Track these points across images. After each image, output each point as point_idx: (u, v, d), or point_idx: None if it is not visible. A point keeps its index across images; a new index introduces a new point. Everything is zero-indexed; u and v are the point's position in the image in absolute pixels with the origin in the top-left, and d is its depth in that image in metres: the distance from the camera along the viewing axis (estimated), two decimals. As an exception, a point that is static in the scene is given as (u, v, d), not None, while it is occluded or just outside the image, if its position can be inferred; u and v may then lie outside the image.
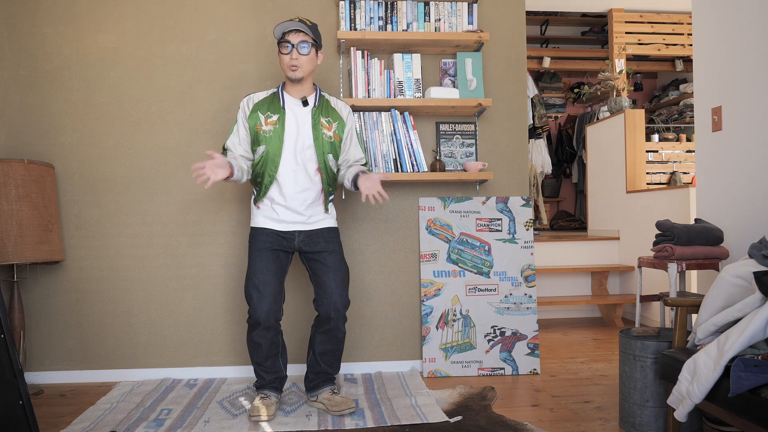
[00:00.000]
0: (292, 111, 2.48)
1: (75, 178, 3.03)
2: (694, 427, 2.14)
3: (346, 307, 2.49)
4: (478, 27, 3.16)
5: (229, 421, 2.39)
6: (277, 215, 2.47)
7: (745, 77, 2.66)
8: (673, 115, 6.75)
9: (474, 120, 3.20)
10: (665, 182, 5.58)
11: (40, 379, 3.00)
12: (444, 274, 3.10)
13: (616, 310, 4.41)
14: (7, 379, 1.79)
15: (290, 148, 2.45)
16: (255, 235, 2.49)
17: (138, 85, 3.06)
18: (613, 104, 5.04)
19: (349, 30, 2.98)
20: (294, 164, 2.45)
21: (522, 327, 3.09)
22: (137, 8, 3.06)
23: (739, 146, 2.70)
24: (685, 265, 2.69)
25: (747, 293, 1.93)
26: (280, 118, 2.45)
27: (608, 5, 5.94)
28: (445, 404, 2.54)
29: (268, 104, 2.48)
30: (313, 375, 2.57)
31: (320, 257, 2.49)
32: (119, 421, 2.38)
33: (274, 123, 2.44)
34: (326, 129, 2.49)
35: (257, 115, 2.46)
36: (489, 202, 3.15)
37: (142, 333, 3.04)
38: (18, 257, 2.69)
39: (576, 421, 2.36)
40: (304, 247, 2.50)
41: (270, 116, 2.46)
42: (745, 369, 1.61)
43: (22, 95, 3.01)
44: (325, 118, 2.50)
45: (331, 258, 2.49)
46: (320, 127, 2.47)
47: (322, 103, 2.52)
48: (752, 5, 2.61)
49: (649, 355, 2.15)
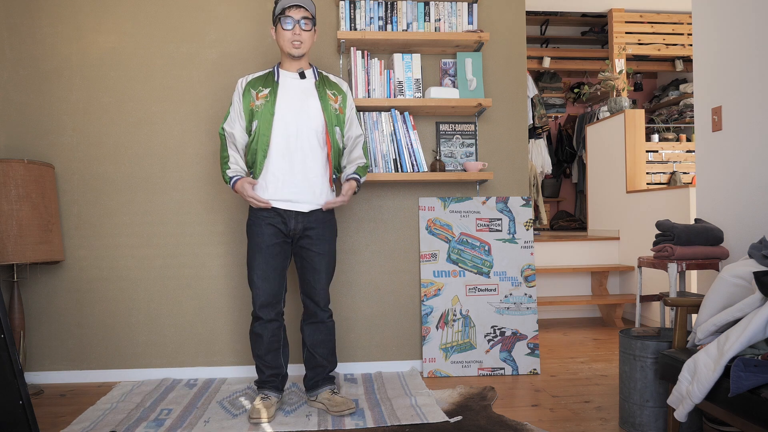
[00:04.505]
0: (289, 84, 2.46)
1: (75, 178, 3.03)
2: (694, 427, 2.14)
3: (328, 303, 2.57)
4: (478, 27, 3.16)
5: (229, 421, 2.39)
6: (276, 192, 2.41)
7: (745, 77, 2.66)
8: (673, 115, 6.74)
9: (474, 120, 3.20)
10: (665, 182, 5.57)
11: (40, 379, 3.00)
12: (444, 274, 3.10)
13: (616, 310, 4.41)
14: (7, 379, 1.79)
15: (282, 120, 2.40)
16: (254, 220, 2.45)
17: (138, 85, 3.06)
18: (613, 104, 5.04)
19: (349, 30, 2.98)
20: (286, 137, 2.40)
21: (522, 327, 3.09)
22: (137, 8, 3.06)
23: (739, 146, 2.70)
24: (685, 265, 2.69)
25: (747, 293, 1.93)
26: (271, 90, 2.44)
27: (608, 5, 5.94)
28: (445, 404, 2.54)
29: (262, 81, 2.47)
30: (311, 372, 2.57)
31: (308, 256, 2.49)
32: (119, 421, 2.38)
33: (265, 96, 2.43)
34: (333, 101, 2.49)
35: (250, 93, 2.45)
36: (489, 202, 3.15)
37: (142, 333, 3.04)
38: (18, 257, 2.69)
39: (576, 421, 2.36)
40: (297, 240, 2.49)
41: (261, 90, 2.44)
42: (745, 369, 1.61)
43: (22, 95, 3.01)
44: (330, 90, 2.50)
45: (319, 259, 2.49)
46: (327, 99, 2.47)
47: (322, 77, 2.53)
48: (752, 5, 2.60)
49: (649, 355, 2.15)
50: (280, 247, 2.47)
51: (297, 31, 2.39)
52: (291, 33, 2.39)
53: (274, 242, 2.44)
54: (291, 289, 3.04)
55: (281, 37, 2.42)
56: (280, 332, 2.52)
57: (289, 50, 2.42)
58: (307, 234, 2.47)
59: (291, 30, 2.39)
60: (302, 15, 2.39)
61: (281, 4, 2.39)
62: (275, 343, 2.50)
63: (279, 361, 2.53)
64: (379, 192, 3.14)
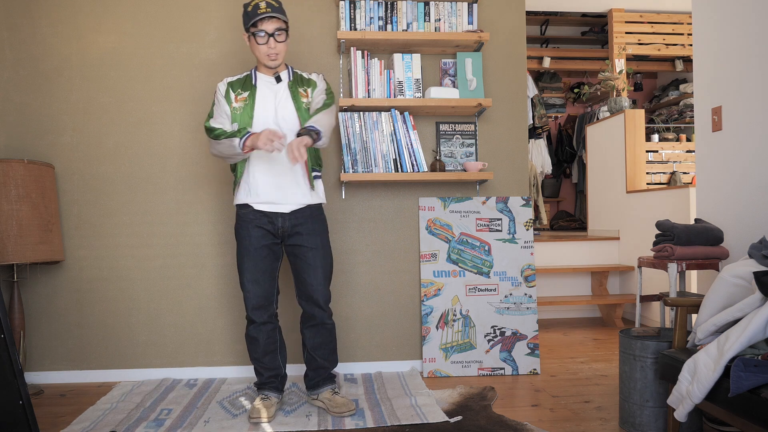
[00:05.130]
0: (265, 88, 2.45)
1: (75, 178, 3.03)
2: (694, 427, 2.14)
3: (328, 302, 2.51)
4: (478, 27, 3.16)
5: (229, 421, 2.39)
6: (258, 195, 2.41)
7: (745, 77, 2.66)
8: (673, 115, 6.74)
9: (474, 120, 3.19)
10: (665, 182, 5.57)
11: (40, 379, 3.00)
12: (444, 274, 3.10)
13: (616, 310, 4.41)
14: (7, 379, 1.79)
15: (261, 124, 2.39)
16: (241, 224, 2.44)
17: (138, 85, 3.06)
18: (613, 104, 5.04)
19: (349, 30, 2.98)
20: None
21: (522, 327, 3.09)
22: (137, 8, 3.06)
23: (739, 146, 2.70)
24: (685, 265, 2.69)
25: (747, 293, 1.93)
26: (250, 94, 2.43)
27: (608, 5, 5.94)
28: (445, 404, 2.54)
29: (241, 84, 2.46)
30: (312, 372, 2.57)
31: (300, 252, 2.46)
32: (119, 421, 2.38)
33: (244, 99, 2.42)
34: (303, 98, 2.47)
35: (230, 94, 2.44)
36: (489, 202, 3.15)
37: (142, 333, 3.04)
38: (18, 257, 2.69)
39: (576, 421, 2.36)
40: (287, 239, 2.47)
41: (240, 93, 2.44)
42: (745, 369, 1.61)
43: (22, 95, 3.01)
44: (301, 88, 2.49)
45: (312, 254, 2.45)
46: (299, 96, 2.46)
47: (296, 77, 2.51)
48: (752, 5, 2.60)
49: (649, 355, 2.15)
50: (269, 249, 2.45)
51: (272, 44, 2.36)
52: (266, 47, 2.36)
53: (262, 244, 2.43)
54: (288, 291, 3.04)
55: (256, 49, 2.39)
56: (275, 334, 2.51)
57: (265, 62, 2.41)
58: (297, 231, 2.45)
59: (266, 44, 2.35)
60: (276, 27, 2.34)
61: (252, 15, 2.32)
62: (271, 345, 2.50)
63: (277, 362, 2.53)
64: (379, 192, 3.14)
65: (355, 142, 2.97)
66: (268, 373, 2.51)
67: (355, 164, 2.95)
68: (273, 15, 2.32)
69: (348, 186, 3.12)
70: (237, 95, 2.43)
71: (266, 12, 2.30)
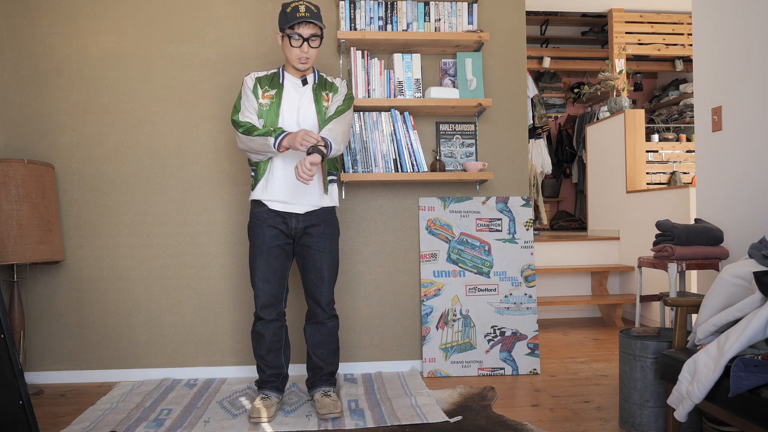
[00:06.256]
0: (292, 89, 2.47)
1: (75, 178, 3.03)
2: (694, 427, 2.14)
3: (330, 304, 2.53)
4: (478, 27, 3.16)
5: (229, 421, 2.39)
6: (274, 193, 2.43)
7: (745, 77, 2.66)
8: (673, 115, 6.74)
9: (474, 120, 3.19)
10: (665, 182, 5.57)
11: (40, 379, 3.00)
12: (444, 274, 3.10)
13: (616, 310, 4.41)
14: (7, 379, 1.79)
15: (285, 124, 2.42)
16: (255, 223, 2.46)
17: (138, 85, 3.06)
18: (613, 104, 5.04)
19: (349, 30, 2.98)
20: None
21: (522, 327, 3.09)
22: (137, 8, 3.06)
23: (739, 146, 2.70)
24: (685, 265, 2.69)
25: (747, 293, 1.93)
26: (277, 92, 2.44)
27: (608, 5, 5.94)
28: (445, 404, 2.54)
29: (269, 81, 2.48)
30: (310, 371, 2.59)
31: (309, 254, 2.48)
32: (119, 421, 2.38)
33: (271, 97, 2.44)
34: (325, 101, 2.49)
35: (257, 89, 2.45)
36: (489, 202, 3.15)
37: (142, 333, 3.04)
38: (18, 257, 2.69)
39: (576, 421, 2.36)
40: (298, 239, 2.49)
41: (268, 90, 2.45)
42: (745, 369, 1.61)
43: (22, 95, 3.01)
44: (324, 92, 2.50)
45: (320, 257, 2.48)
46: (321, 100, 2.48)
47: (321, 81, 2.53)
48: (752, 5, 2.60)
49: (649, 355, 2.15)
50: (281, 249, 2.47)
51: (305, 49, 2.38)
52: (299, 50, 2.38)
53: (275, 244, 2.45)
54: (295, 290, 3.04)
55: (288, 50, 2.41)
56: (281, 332, 2.52)
57: (295, 65, 2.43)
58: (308, 232, 2.47)
59: (299, 48, 2.38)
60: (312, 32, 2.37)
61: (290, 18, 2.34)
62: (277, 343, 2.51)
63: (280, 361, 2.53)
64: (379, 192, 3.14)
65: (355, 142, 2.97)
66: (269, 371, 2.51)
67: (355, 164, 2.95)
68: (311, 20, 2.34)
69: (348, 186, 3.12)
70: (264, 92, 2.44)
71: (305, 16, 2.33)
